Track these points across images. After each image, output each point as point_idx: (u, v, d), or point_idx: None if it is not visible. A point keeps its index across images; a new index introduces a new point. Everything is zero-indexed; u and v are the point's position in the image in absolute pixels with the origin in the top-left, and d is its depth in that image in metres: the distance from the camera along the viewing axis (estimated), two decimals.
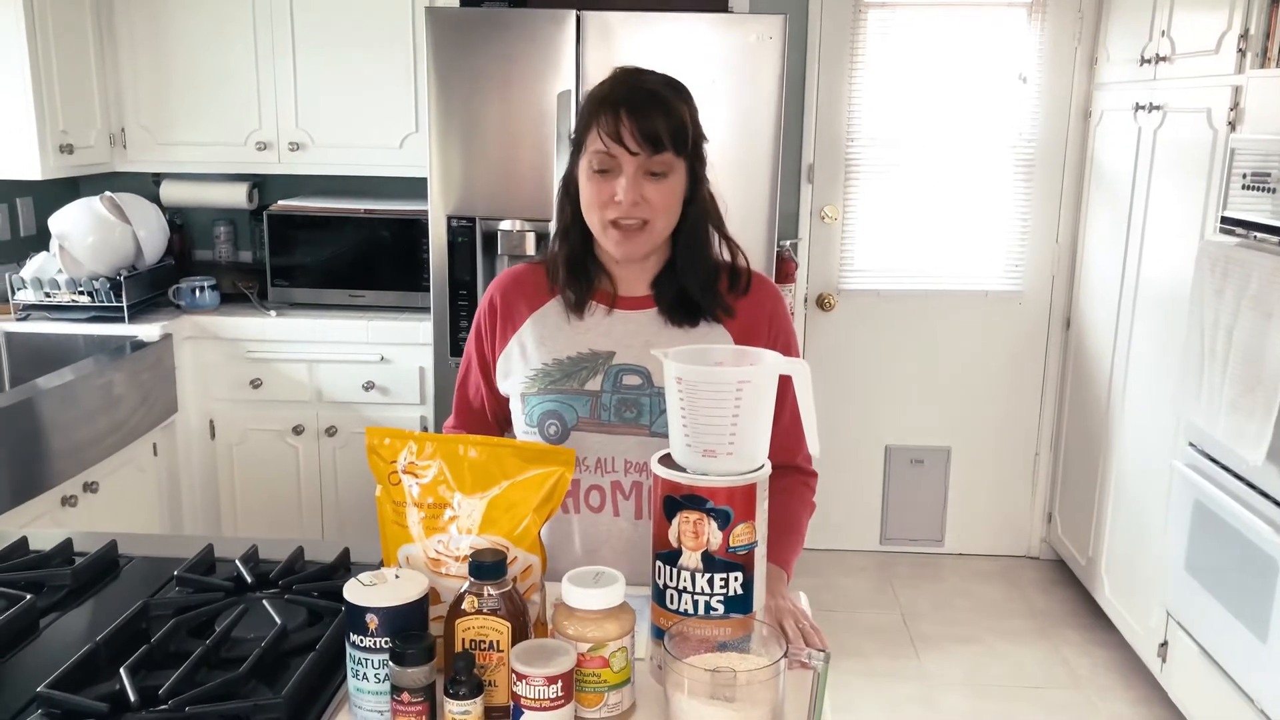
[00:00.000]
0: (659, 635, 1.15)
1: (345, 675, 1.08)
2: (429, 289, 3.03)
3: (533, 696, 1.01)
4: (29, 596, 1.25)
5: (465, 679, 1.02)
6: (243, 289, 3.40)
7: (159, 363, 3.04)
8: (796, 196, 3.64)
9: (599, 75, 2.93)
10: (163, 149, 3.39)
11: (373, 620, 1.04)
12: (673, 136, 1.35)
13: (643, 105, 1.35)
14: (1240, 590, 2.35)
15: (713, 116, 2.79)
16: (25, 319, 3.10)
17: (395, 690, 1.03)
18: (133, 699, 1.04)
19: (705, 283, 1.44)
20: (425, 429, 3.18)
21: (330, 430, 3.24)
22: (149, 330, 3.05)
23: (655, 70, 1.42)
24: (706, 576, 1.11)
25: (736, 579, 1.12)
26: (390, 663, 1.02)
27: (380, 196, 3.45)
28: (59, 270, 3.11)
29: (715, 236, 1.46)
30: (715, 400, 1.09)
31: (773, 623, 1.24)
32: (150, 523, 3.04)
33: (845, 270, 3.73)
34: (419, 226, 3.20)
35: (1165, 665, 2.78)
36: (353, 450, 3.25)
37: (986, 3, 3.53)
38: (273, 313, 3.25)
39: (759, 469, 1.13)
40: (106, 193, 3.20)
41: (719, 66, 2.81)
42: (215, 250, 3.65)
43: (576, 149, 1.42)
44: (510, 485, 1.15)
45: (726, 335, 1.44)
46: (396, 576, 1.09)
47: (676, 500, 1.11)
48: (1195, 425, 2.53)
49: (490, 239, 2.92)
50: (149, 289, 3.24)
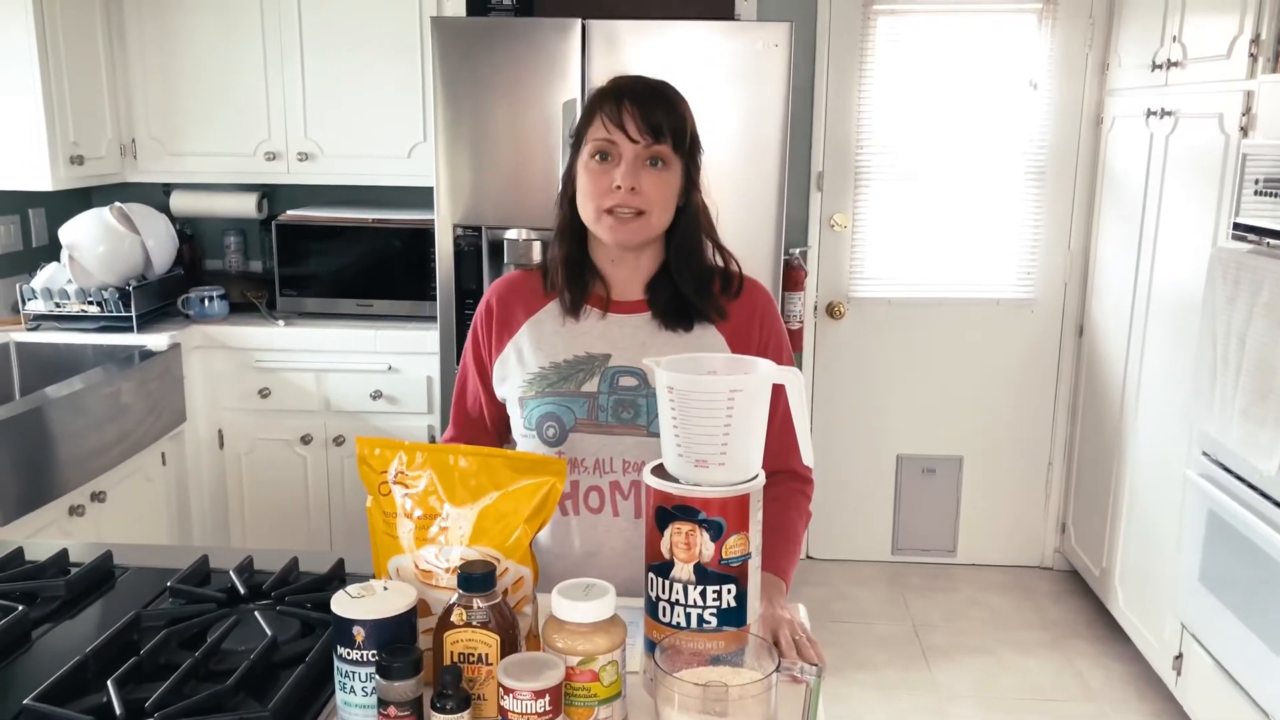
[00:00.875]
0: (652, 648, 1.13)
1: (334, 687, 1.07)
2: (436, 298, 3.03)
3: (520, 711, 0.99)
4: (21, 608, 1.25)
5: (452, 692, 1.01)
6: (251, 299, 3.40)
7: (167, 372, 3.05)
8: (806, 204, 3.63)
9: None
10: (173, 159, 3.40)
11: (359, 633, 1.03)
12: (673, 131, 1.40)
13: (646, 96, 1.40)
14: (1254, 602, 2.31)
15: (719, 124, 2.82)
16: (36, 329, 3.12)
17: (382, 703, 1.01)
18: (119, 712, 1.03)
19: (699, 284, 1.46)
20: (433, 439, 3.18)
21: (338, 440, 3.24)
22: (158, 340, 3.06)
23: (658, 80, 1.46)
24: (699, 589, 1.10)
25: (730, 591, 1.10)
26: (377, 676, 1.01)
27: (389, 206, 3.45)
28: (69, 280, 3.12)
29: (708, 245, 1.47)
30: (707, 410, 1.08)
31: (767, 634, 1.23)
32: (158, 532, 3.05)
33: (855, 278, 3.71)
34: (427, 236, 3.19)
35: (1180, 678, 2.74)
36: None
37: (996, 9, 3.51)
38: (281, 322, 3.26)
39: (752, 479, 1.11)
40: (116, 203, 3.22)
41: (725, 75, 2.80)
42: (225, 260, 3.66)
43: (576, 145, 1.45)
44: (501, 496, 1.13)
45: (719, 338, 1.45)
46: (385, 588, 1.08)
47: (668, 511, 1.10)
48: (1208, 434, 2.50)
49: (496, 248, 2.92)
50: (158, 299, 3.25)
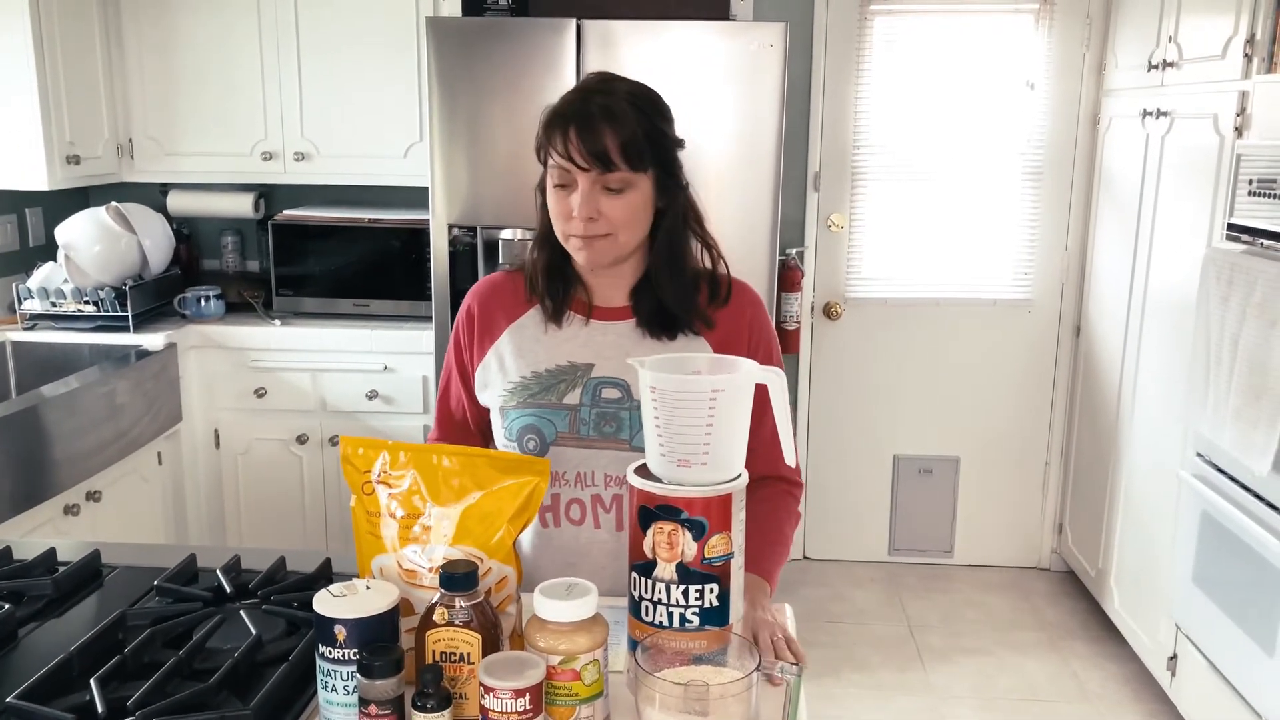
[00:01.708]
0: (634, 647, 1.13)
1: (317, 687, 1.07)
2: (432, 298, 3.03)
3: (500, 710, 0.99)
4: (7, 606, 1.25)
5: (433, 691, 1.01)
6: (248, 298, 3.41)
7: (163, 372, 3.05)
8: (803, 205, 3.63)
9: None
10: (170, 159, 3.41)
11: (341, 632, 1.03)
12: (624, 153, 1.32)
13: (591, 123, 1.31)
14: (1247, 603, 2.31)
15: (714, 125, 2.82)
16: (32, 328, 3.12)
17: (363, 702, 1.01)
18: (101, 710, 1.03)
19: (683, 295, 1.42)
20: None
21: (334, 440, 3.24)
22: (154, 339, 3.06)
23: (627, 79, 1.40)
24: (681, 588, 1.10)
25: (712, 591, 1.10)
26: (358, 674, 1.01)
27: (386, 206, 3.46)
28: (65, 280, 3.13)
29: (695, 245, 1.44)
30: (689, 409, 1.08)
31: (748, 634, 1.23)
32: (154, 532, 3.05)
33: (852, 279, 3.70)
34: (423, 236, 3.19)
35: (1175, 679, 2.74)
36: None
37: (993, 9, 3.51)
38: (277, 322, 3.26)
39: (735, 479, 1.11)
40: (112, 203, 3.22)
41: (720, 75, 2.80)
42: (222, 260, 3.67)
43: (544, 161, 1.41)
44: (484, 495, 1.14)
45: (706, 347, 1.42)
46: (367, 588, 1.08)
47: (651, 511, 1.10)
48: (1202, 435, 2.49)
49: (492, 248, 2.92)
50: (154, 298, 3.26)
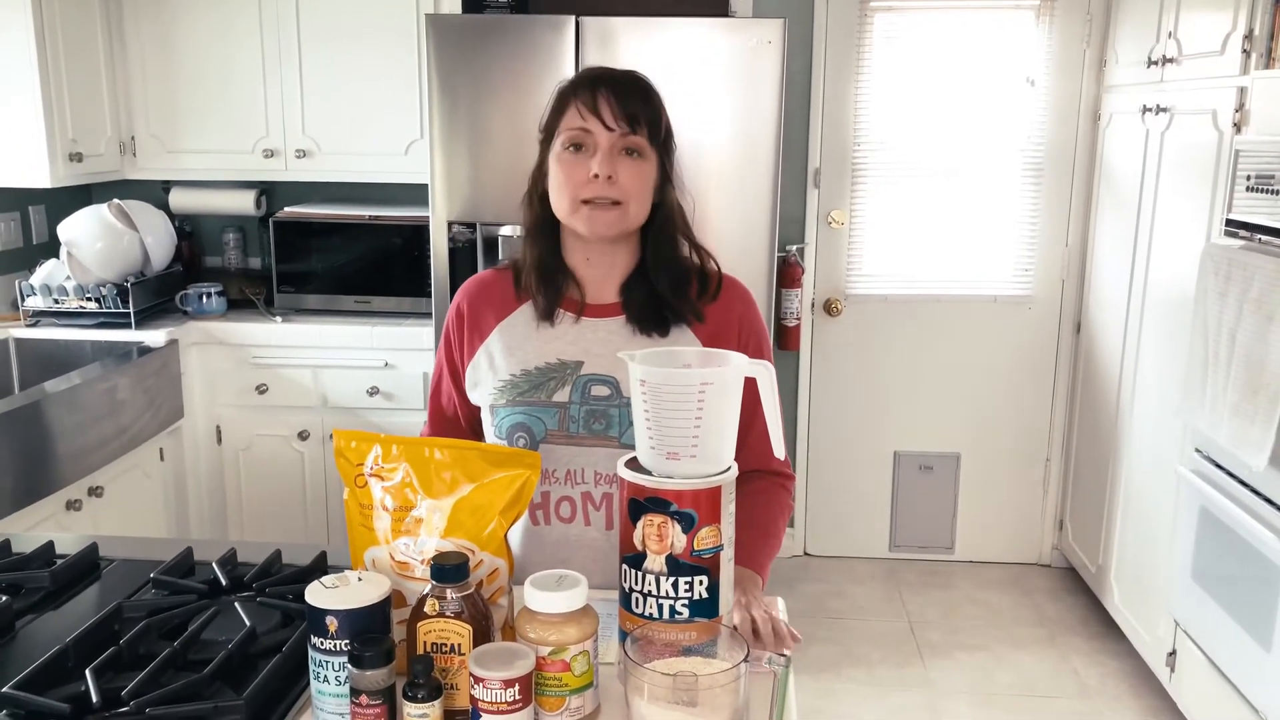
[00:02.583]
0: (625, 638, 1.14)
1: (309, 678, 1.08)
2: (432, 295, 3.04)
3: (490, 700, 1.00)
4: (5, 598, 1.26)
5: (424, 681, 1.02)
6: (249, 295, 3.42)
7: (165, 368, 3.07)
8: (803, 201, 3.63)
9: None
10: (172, 157, 3.42)
11: (332, 623, 1.04)
12: (649, 121, 1.37)
13: (622, 85, 1.38)
14: (1245, 599, 2.31)
15: (714, 122, 2.82)
16: (35, 325, 3.14)
17: (354, 692, 1.02)
18: (95, 700, 1.04)
19: (675, 284, 1.43)
20: None
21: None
22: (155, 336, 3.08)
23: None
24: (671, 580, 1.10)
25: (701, 582, 1.11)
26: (349, 665, 1.02)
27: (387, 203, 3.47)
28: (67, 277, 3.14)
29: (684, 243, 1.46)
30: (678, 402, 1.08)
31: (744, 629, 1.23)
32: (156, 527, 3.07)
33: (852, 275, 3.71)
34: (424, 233, 3.20)
35: (1174, 675, 2.74)
36: None
37: (994, 5, 3.51)
38: (279, 319, 3.28)
39: (724, 472, 1.12)
40: (114, 200, 3.24)
41: (719, 71, 2.80)
42: (224, 257, 3.68)
43: (547, 140, 1.42)
44: (476, 488, 1.14)
45: (696, 341, 1.43)
46: (359, 579, 1.09)
47: (641, 503, 1.11)
48: (1200, 430, 2.50)
49: (492, 244, 2.93)
50: (156, 295, 3.27)
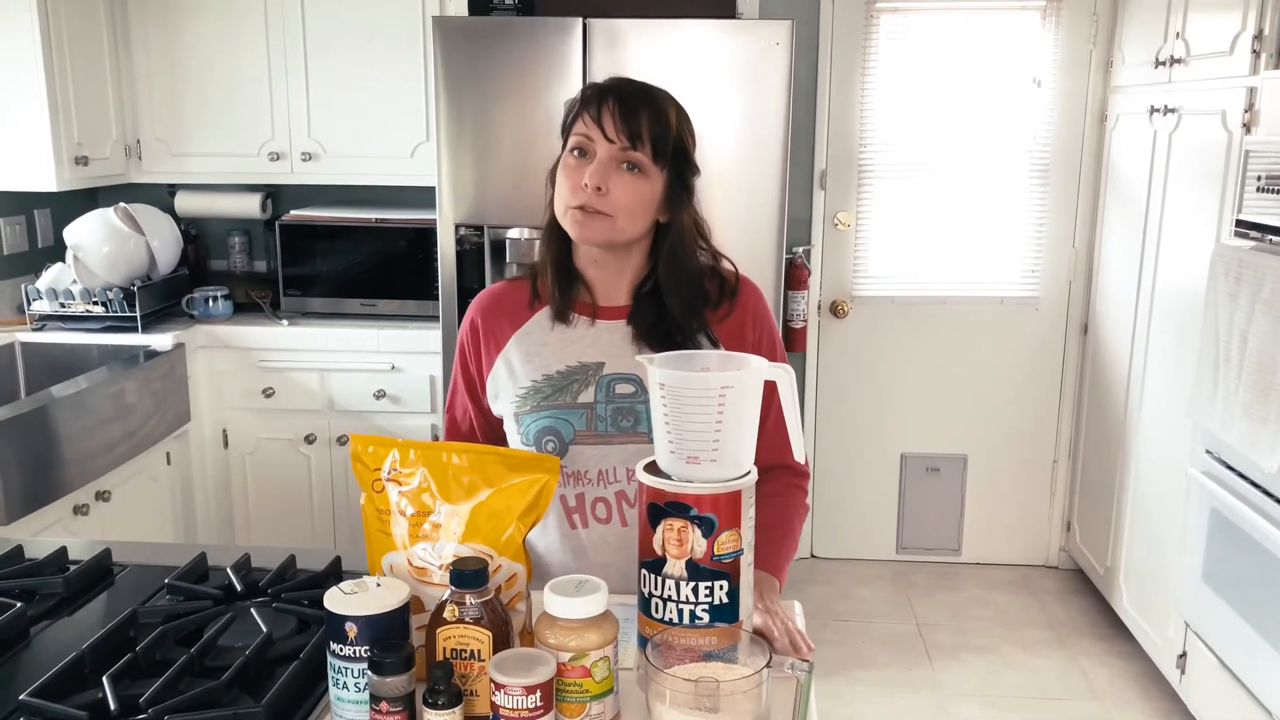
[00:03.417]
0: (644, 644, 1.13)
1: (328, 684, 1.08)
2: (439, 297, 3.03)
3: (511, 706, 1.00)
4: (20, 604, 1.25)
5: (443, 688, 1.01)
6: (255, 298, 3.42)
7: (172, 372, 3.06)
8: (809, 203, 3.62)
9: None
10: (177, 160, 3.42)
11: (352, 629, 1.03)
12: (653, 137, 1.35)
13: (630, 99, 1.36)
14: (1257, 600, 2.30)
15: (721, 123, 2.82)
16: (41, 329, 3.14)
17: (374, 699, 1.02)
18: (113, 707, 1.04)
19: (689, 305, 1.41)
20: (436, 437, 3.18)
21: (342, 439, 3.25)
22: (162, 340, 3.07)
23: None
24: (691, 585, 1.10)
25: (722, 587, 1.10)
26: (369, 672, 1.02)
27: (393, 206, 3.46)
28: (74, 281, 3.14)
29: (699, 254, 1.44)
30: (698, 406, 1.08)
31: (761, 628, 1.23)
32: (163, 532, 3.06)
33: (859, 277, 3.70)
34: (430, 236, 3.20)
35: (1184, 677, 2.73)
36: None
37: (1000, 6, 3.50)
38: (285, 322, 3.27)
39: (744, 475, 1.11)
40: (121, 204, 3.23)
41: (727, 73, 2.80)
42: (230, 260, 3.68)
43: (564, 144, 1.42)
44: (494, 493, 1.14)
45: (710, 346, 1.43)
46: (378, 585, 1.08)
47: (660, 508, 1.10)
48: (1211, 432, 2.49)
49: (499, 247, 2.93)
50: (162, 299, 3.27)
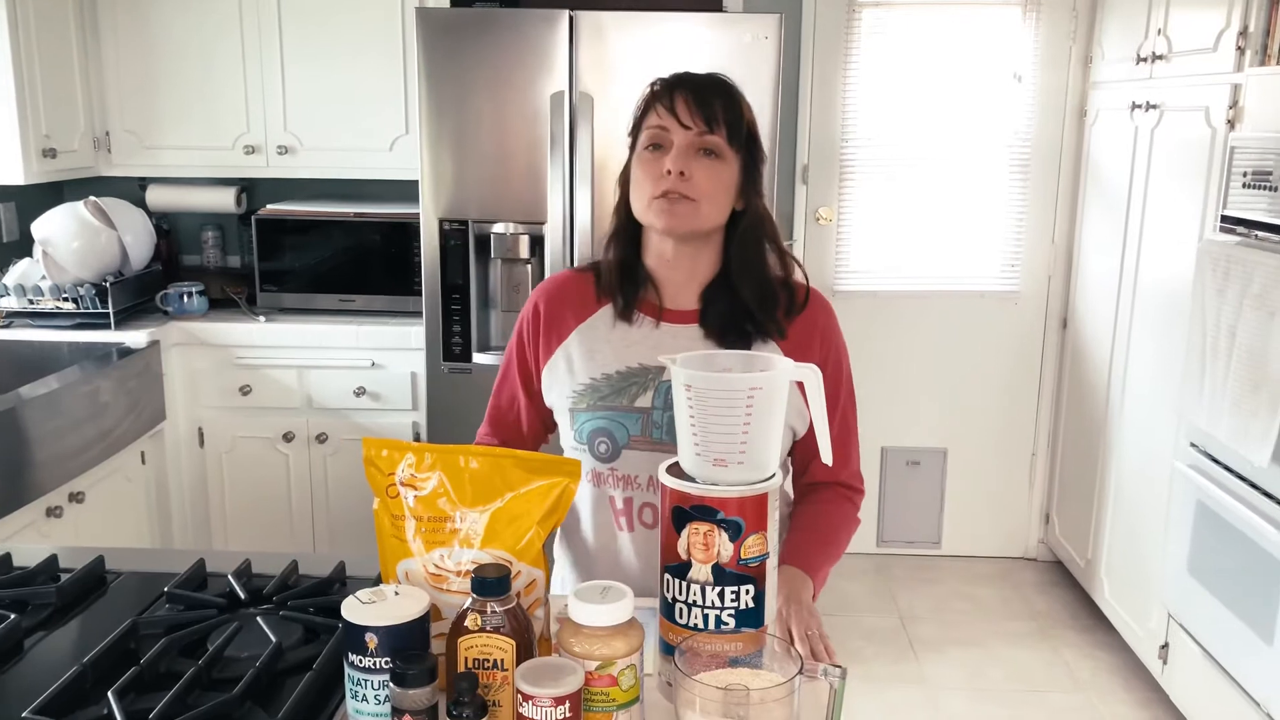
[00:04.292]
0: (667, 650, 1.11)
1: (343, 695, 1.04)
2: (420, 293, 2.99)
3: (539, 718, 0.97)
4: (13, 616, 1.21)
5: (468, 700, 0.98)
6: (231, 294, 3.35)
7: (146, 370, 2.99)
8: (791, 198, 3.62)
9: (592, 76, 2.89)
10: (148, 153, 3.34)
11: (372, 640, 1.00)
12: (728, 122, 1.36)
13: (703, 86, 1.39)
14: (1244, 592, 2.32)
15: None
16: (8, 326, 3.05)
17: (396, 711, 0.99)
18: None
19: (762, 296, 1.40)
20: (418, 436, 3.14)
21: (321, 437, 3.19)
22: (136, 337, 3.00)
23: None
24: (717, 590, 1.08)
25: (748, 592, 1.08)
26: (391, 683, 0.99)
27: (371, 199, 3.41)
28: (42, 277, 3.06)
29: (772, 255, 1.43)
30: (726, 408, 1.06)
31: (783, 628, 1.22)
32: (139, 533, 2.99)
33: (840, 272, 3.70)
34: (410, 230, 3.15)
35: (1166, 667, 2.76)
36: (344, 457, 3.21)
37: (980, 1, 3.51)
38: (262, 318, 3.21)
39: (770, 478, 1.09)
40: (91, 197, 3.15)
41: (714, 67, 2.76)
42: (203, 255, 3.60)
43: (634, 142, 1.42)
44: (514, 497, 1.11)
45: (778, 354, 1.40)
46: (396, 593, 1.05)
47: (686, 511, 1.08)
48: (1197, 426, 2.51)
49: (483, 242, 2.89)
50: (136, 295, 3.19)
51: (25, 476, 2.46)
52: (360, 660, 1.00)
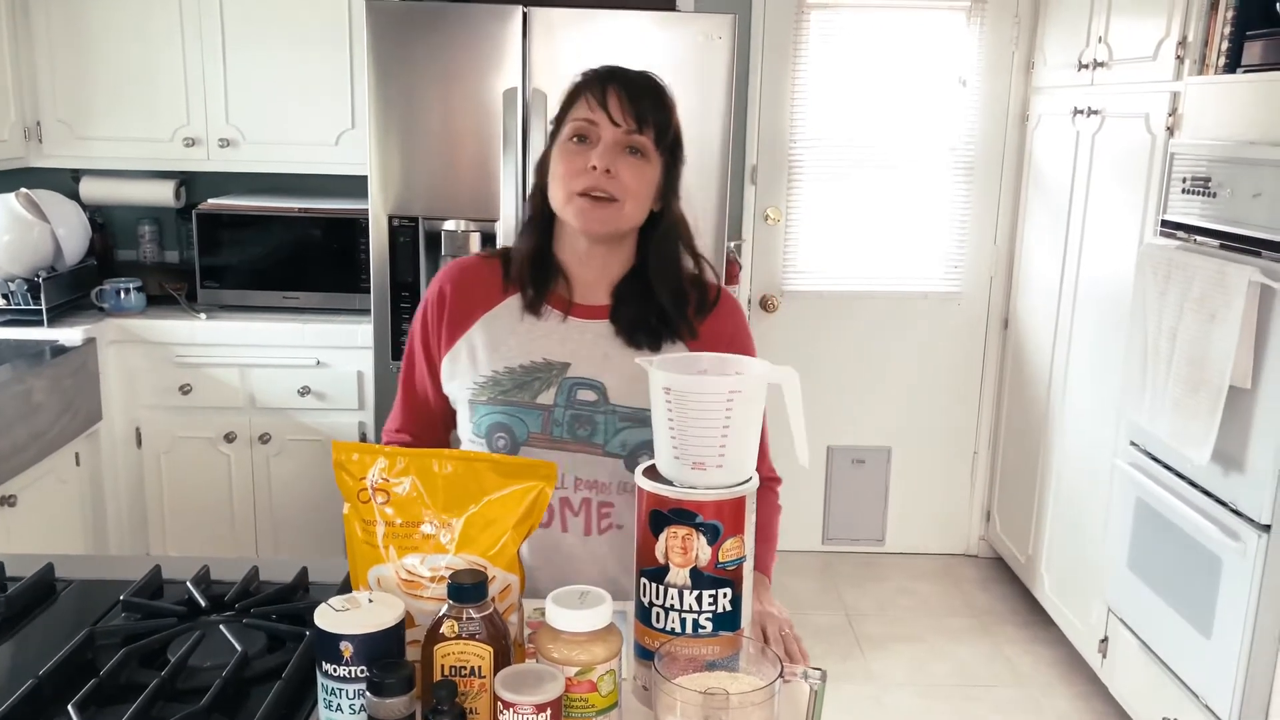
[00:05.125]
0: (642, 654, 1.11)
1: (313, 704, 1.02)
2: (368, 290, 2.94)
3: None
4: None
5: (447, 708, 0.97)
6: (171, 291, 3.26)
7: (82, 368, 2.90)
8: (740, 198, 3.63)
9: (546, 72, 2.86)
10: (82, 144, 3.23)
11: (347, 648, 0.98)
12: (657, 123, 1.35)
13: (636, 84, 1.37)
14: (1183, 587, 2.39)
15: None
16: None
17: None
18: None
19: (676, 298, 1.40)
20: (364, 436, 3.09)
21: (264, 437, 3.12)
22: (70, 334, 2.90)
23: None
24: (695, 593, 1.07)
25: (725, 595, 1.08)
26: (367, 693, 0.97)
27: (315, 195, 3.34)
28: None
29: (686, 257, 1.43)
30: (706, 411, 1.05)
31: (756, 630, 1.22)
32: (73, 537, 2.90)
33: (788, 272, 3.73)
34: (357, 226, 3.10)
35: (1105, 661, 2.83)
36: (287, 458, 3.14)
37: (926, 5, 3.56)
38: (203, 315, 3.13)
39: (748, 481, 1.09)
40: (22, 189, 3.04)
41: (669, 66, 2.73)
42: (139, 250, 3.50)
43: (554, 132, 1.39)
44: (488, 502, 1.09)
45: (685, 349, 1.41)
46: (370, 600, 1.03)
47: (664, 515, 1.07)
48: (1138, 425, 2.57)
49: (434, 239, 2.85)
50: (70, 291, 3.09)
51: None
52: (335, 669, 0.98)
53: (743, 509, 1.08)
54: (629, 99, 1.33)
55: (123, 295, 3.11)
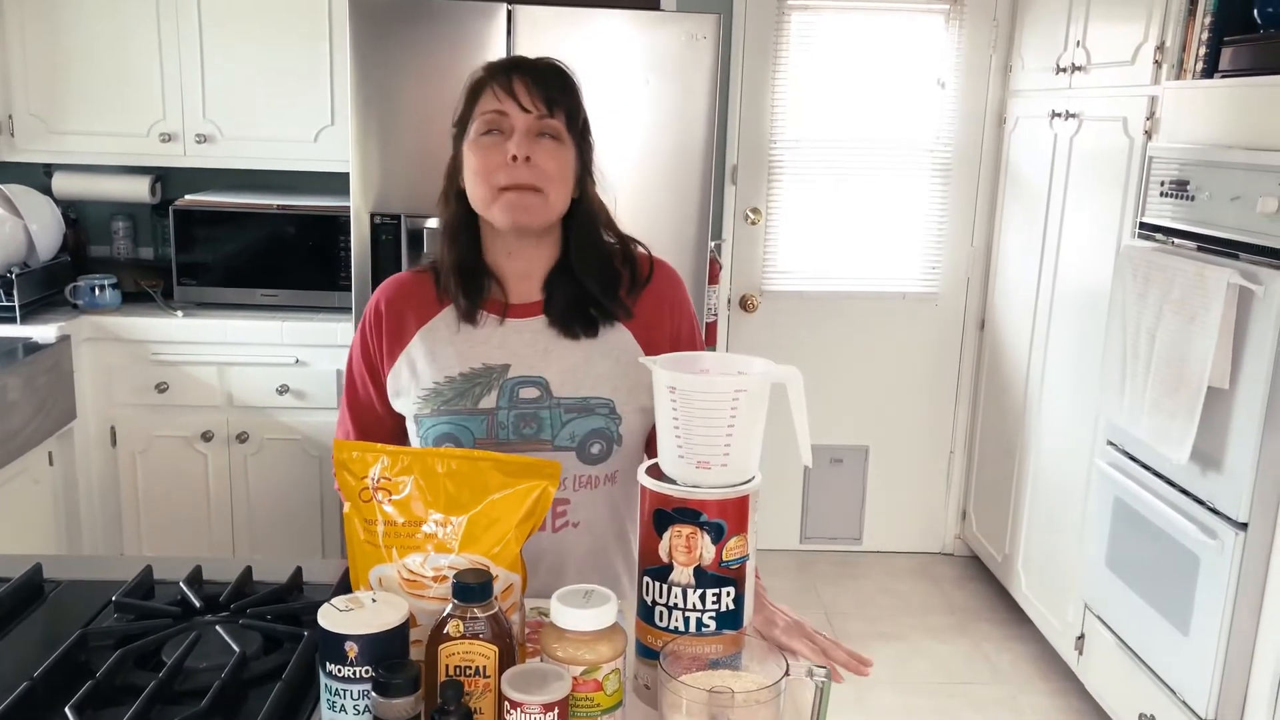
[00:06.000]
0: (644, 653, 1.11)
1: (314, 705, 1.01)
2: (348, 288, 2.92)
3: None
4: None
5: (454, 708, 0.96)
6: (146, 288, 3.22)
7: (56, 366, 2.85)
8: (721, 198, 3.64)
9: None
10: (55, 138, 3.18)
11: (352, 649, 0.97)
12: (566, 107, 1.34)
13: (539, 71, 1.35)
14: (1161, 585, 2.42)
15: (645, 115, 2.79)
16: None
17: None
18: None
19: (605, 282, 1.39)
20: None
21: (241, 436, 3.09)
22: (44, 332, 2.86)
23: None
24: (698, 592, 1.07)
25: (729, 594, 1.08)
26: (373, 693, 0.96)
27: (293, 191, 3.31)
28: None
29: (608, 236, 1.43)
30: (711, 410, 1.06)
31: (792, 639, 1.23)
32: (46, 537, 2.86)
33: (768, 272, 3.74)
34: (336, 223, 3.08)
35: (1082, 658, 2.86)
36: (265, 457, 3.11)
37: (906, 7, 3.58)
38: (179, 313, 3.09)
39: (751, 479, 1.09)
40: None
41: (653, 65, 2.77)
42: (113, 246, 3.45)
43: (461, 131, 1.37)
44: (491, 501, 1.09)
45: (627, 335, 1.41)
46: (373, 600, 1.02)
47: (668, 514, 1.07)
48: (1116, 425, 2.60)
49: (416, 237, 2.83)
50: (43, 287, 3.04)
51: None
52: (339, 670, 0.97)
53: (746, 508, 1.08)
54: (536, 85, 1.32)
55: (97, 292, 3.07)
